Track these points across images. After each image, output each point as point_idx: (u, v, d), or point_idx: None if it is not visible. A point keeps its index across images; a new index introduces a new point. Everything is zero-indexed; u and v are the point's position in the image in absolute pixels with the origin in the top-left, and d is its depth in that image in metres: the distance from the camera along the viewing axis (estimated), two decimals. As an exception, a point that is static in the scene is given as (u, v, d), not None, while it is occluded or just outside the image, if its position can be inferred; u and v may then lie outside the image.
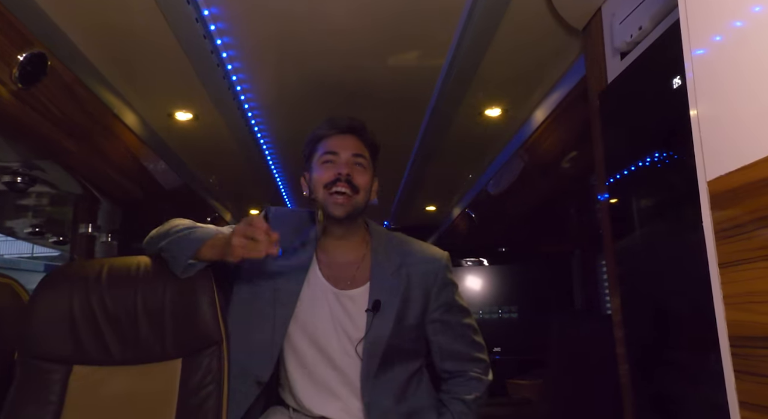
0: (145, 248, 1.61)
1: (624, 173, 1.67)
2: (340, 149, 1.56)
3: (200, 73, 2.34)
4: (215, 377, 1.51)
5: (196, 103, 2.72)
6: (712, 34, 0.82)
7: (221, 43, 2.17)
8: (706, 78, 0.81)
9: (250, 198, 4.76)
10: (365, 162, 1.57)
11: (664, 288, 1.49)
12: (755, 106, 0.73)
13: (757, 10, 0.72)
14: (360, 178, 1.54)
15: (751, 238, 0.73)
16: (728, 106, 0.78)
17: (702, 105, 0.82)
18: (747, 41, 0.75)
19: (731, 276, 0.77)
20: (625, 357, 1.70)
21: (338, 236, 1.59)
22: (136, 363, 1.53)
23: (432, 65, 2.41)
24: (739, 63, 0.76)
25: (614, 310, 1.75)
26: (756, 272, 0.73)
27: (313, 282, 1.57)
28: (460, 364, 1.64)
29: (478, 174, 4.11)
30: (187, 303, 1.51)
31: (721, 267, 0.79)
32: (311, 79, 2.53)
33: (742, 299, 0.75)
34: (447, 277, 1.63)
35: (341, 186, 1.51)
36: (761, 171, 0.71)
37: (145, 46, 2.20)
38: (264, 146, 3.39)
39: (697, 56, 0.83)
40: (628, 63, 1.64)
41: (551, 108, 2.61)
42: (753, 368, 0.74)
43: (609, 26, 1.76)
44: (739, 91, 0.76)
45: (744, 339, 0.75)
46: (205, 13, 1.95)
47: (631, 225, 1.66)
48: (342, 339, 1.53)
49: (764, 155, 0.70)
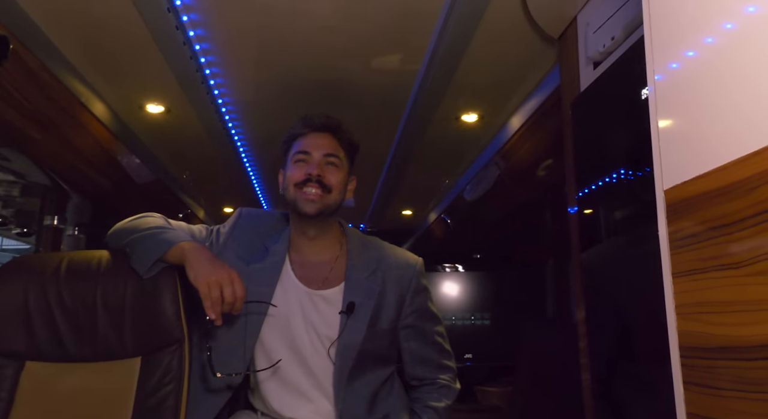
0: (108, 241, 1.57)
1: (593, 187, 1.67)
2: (313, 148, 1.54)
3: (172, 64, 2.29)
4: (175, 376, 1.46)
5: (168, 96, 2.67)
6: (677, 48, 0.81)
7: (194, 35, 2.13)
8: (668, 90, 0.81)
9: (224, 196, 4.71)
10: (338, 161, 1.55)
11: (626, 300, 1.49)
12: (713, 117, 0.72)
13: (726, 26, 0.72)
14: (332, 177, 1.53)
15: (704, 247, 0.73)
16: (687, 117, 0.77)
17: (662, 115, 0.81)
18: (709, 56, 0.74)
19: (684, 286, 0.76)
20: (588, 366, 1.70)
21: (311, 236, 1.57)
22: (93, 360, 1.48)
23: (409, 69, 2.40)
24: (699, 77, 0.76)
25: (579, 321, 1.75)
26: (708, 282, 0.72)
27: (285, 282, 1.55)
28: (430, 371, 1.64)
29: (455, 180, 4.12)
30: (148, 300, 1.47)
31: (674, 276, 0.78)
32: (288, 78, 2.50)
33: (694, 309, 0.74)
34: (421, 283, 1.63)
35: (311, 186, 1.50)
36: (715, 181, 0.70)
37: (114, 34, 2.15)
38: (239, 143, 3.35)
39: (660, 68, 0.83)
40: (600, 72, 1.65)
41: (527, 115, 2.61)
42: (702, 379, 0.73)
43: (583, 35, 1.77)
44: (698, 104, 0.76)
45: (694, 349, 0.74)
46: (177, 2, 1.91)
47: (597, 238, 1.67)
48: (314, 340, 1.52)
49: (718, 165, 0.69)
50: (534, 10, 1.92)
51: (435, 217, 4.92)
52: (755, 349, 0.64)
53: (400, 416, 1.56)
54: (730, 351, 0.68)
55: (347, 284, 1.54)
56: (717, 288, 0.70)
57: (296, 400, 1.51)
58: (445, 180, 4.22)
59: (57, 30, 2.08)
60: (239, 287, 1.37)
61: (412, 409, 1.62)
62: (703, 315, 0.72)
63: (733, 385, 0.67)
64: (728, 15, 0.70)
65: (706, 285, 0.72)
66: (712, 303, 0.71)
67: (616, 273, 1.58)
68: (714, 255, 0.71)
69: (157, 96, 2.70)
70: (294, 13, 1.99)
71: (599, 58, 1.66)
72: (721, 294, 0.69)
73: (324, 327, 1.52)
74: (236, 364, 1.49)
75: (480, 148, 3.33)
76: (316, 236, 1.57)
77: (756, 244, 0.64)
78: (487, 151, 3.25)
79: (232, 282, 1.36)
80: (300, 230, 1.57)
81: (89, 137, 2.65)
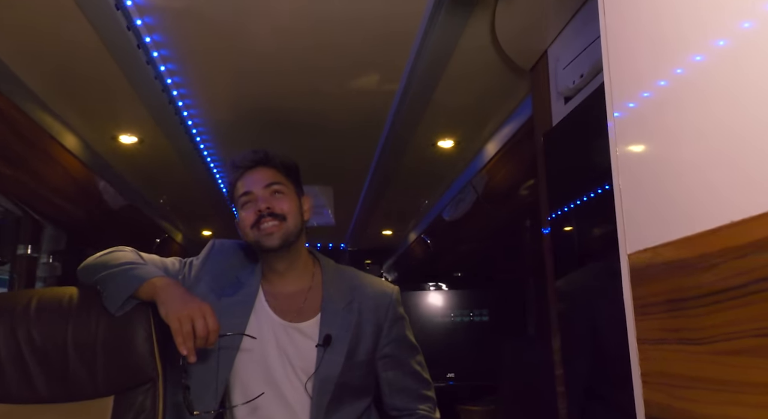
0: (79, 276, 1.54)
1: (565, 209, 1.68)
2: (252, 185, 1.52)
3: (144, 98, 2.27)
4: (149, 416, 1.43)
5: (140, 128, 2.65)
6: (634, 101, 0.81)
7: (165, 69, 2.12)
8: (628, 153, 0.81)
9: (202, 219, 4.67)
10: (282, 188, 1.53)
11: (599, 327, 1.49)
12: (674, 188, 0.72)
13: (679, 73, 0.72)
14: (282, 205, 1.51)
15: (667, 318, 0.72)
16: (647, 182, 0.77)
17: (623, 177, 0.81)
18: (669, 120, 0.74)
19: (649, 354, 0.76)
20: (564, 394, 1.70)
21: (281, 271, 1.56)
22: (64, 401, 1.44)
23: (387, 89, 2.38)
24: (659, 149, 0.76)
25: (555, 349, 1.75)
26: (672, 354, 0.71)
27: (260, 315, 1.53)
28: (409, 401, 1.62)
29: (434, 201, 4.13)
30: (120, 338, 1.44)
31: (639, 343, 0.78)
32: (264, 100, 2.47)
33: (659, 379, 0.74)
34: (398, 312, 1.61)
35: (266, 221, 1.48)
36: (676, 252, 0.70)
37: (84, 70, 2.12)
38: (214, 169, 3.33)
39: (622, 147, 0.83)
40: (570, 108, 1.66)
41: (502, 142, 2.63)
42: (668, 452, 0.72)
43: (554, 70, 1.78)
44: (657, 171, 0.76)
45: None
46: (147, 40, 1.90)
47: (571, 260, 1.67)
48: (290, 374, 1.49)
49: (678, 236, 0.69)
50: (504, 42, 1.94)
51: (415, 237, 4.92)
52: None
53: None
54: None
55: (323, 316, 1.53)
56: (680, 361, 0.70)
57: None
58: (424, 201, 4.22)
59: (24, 66, 2.05)
60: (212, 321, 1.34)
61: None
62: (666, 387, 0.72)
63: (696, 463, 0.66)
64: (691, 111, 0.70)
65: (670, 357, 0.72)
66: (675, 376, 0.71)
67: (589, 300, 1.57)
68: (676, 327, 0.70)
69: (130, 128, 2.67)
70: (268, 34, 1.97)
71: (569, 93, 1.67)
72: (683, 368, 0.69)
73: (300, 360, 1.50)
74: (209, 400, 1.47)
75: (457, 172, 3.35)
76: (286, 270, 1.56)
77: (714, 323, 0.64)
78: (464, 175, 3.26)
79: (204, 316, 1.34)
80: (269, 265, 1.56)
81: (61, 170, 2.61)
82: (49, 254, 3.62)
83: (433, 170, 3.42)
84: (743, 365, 0.60)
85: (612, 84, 0.86)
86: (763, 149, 0.57)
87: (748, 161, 0.59)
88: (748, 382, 0.59)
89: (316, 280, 1.59)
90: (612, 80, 0.88)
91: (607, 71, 0.88)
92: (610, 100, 0.84)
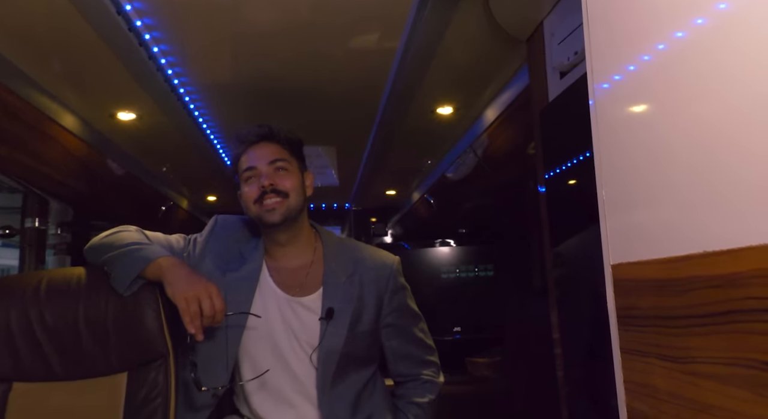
0: (86, 256, 1.56)
1: (563, 168, 1.67)
2: (257, 160, 1.53)
3: (138, 78, 2.26)
4: (162, 391, 1.48)
5: (138, 105, 2.64)
6: (622, 123, 0.81)
7: (158, 50, 2.09)
8: (611, 161, 0.81)
9: (206, 185, 4.69)
10: (286, 164, 1.54)
11: (594, 292, 1.51)
12: (654, 209, 0.73)
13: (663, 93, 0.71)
14: (286, 182, 1.52)
15: (647, 333, 0.75)
16: (629, 196, 0.78)
17: (607, 189, 0.82)
18: (652, 123, 0.74)
19: (630, 364, 0.78)
20: (562, 356, 1.73)
21: (283, 243, 1.57)
22: (79, 378, 1.49)
23: (386, 50, 2.31)
24: (642, 157, 0.76)
25: (552, 311, 1.77)
26: (651, 367, 0.74)
27: (264, 290, 1.55)
28: (413, 367, 1.66)
29: (437, 161, 4.12)
30: (130, 316, 1.47)
31: (622, 352, 0.80)
32: (261, 68, 2.43)
33: (639, 389, 0.77)
34: (399, 282, 1.64)
35: (269, 198, 1.49)
36: (654, 271, 0.72)
37: (78, 53, 2.11)
38: (215, 140, 3.32)
39: (605, 138, 0.83)
40: (566, 84, 1.64)
41: (501, 109, 2.61)
42: (648, 458, 0.76)
43: (549, 44, 1.75)
44: (639, 186, 0.76)
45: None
46: (138, 23, 1.87)
47: (567, 221, 1.68)
48: (296, 347, 1.53)
49: (658, 256, 0.71)
50: (498, 13, 1.90)
51: (418, 196, 4.93)
52: (689, 446, 0.67)
53: (383, 415, 1.59)
54: (669, 440, 0.70)
55: (325, 289, 1.55)
56: (659, 376, 0.72)
57: (281, 406, 1.53)
58: (427, 161, 4.21)
59: (17, 50, 2.04)
60: (218, 301, 1.38)
61: (396, 406, 1.65)
62: (648, 398, 0.75)
63: (671, 473, 0.70)
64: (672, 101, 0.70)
65: (651, 369, 0.74)
66: (654, 388, 0.73)
67: (588, 262, 1.57)
68: (655, 343, 0.73)
69: (128, 105, 2.66)
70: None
71: (564, 69, 1.65)
72: (662, 382, 0.72)
73: (304, 333, 1.53)
74: (221, 374, 1.51)
75: (457, 136, 3.33)
76: (287, 242, 1.58)
77: (689, 345, 0.66)
78: (465, 139, 3.25)
79: (210, 296, 1.38)
80: (271, 239, 1.57)
81: (61, 149, 2.63)
82: (57, 226, 3.68)
83: (433, 134, 3.39)
84: (714, 389, 0.62)
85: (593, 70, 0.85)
86: (740, 182, 0.58)
87: (727, 194, 0.60)
88: (717, 406, 0.62)
89: (317, 254, 1.61)
90: (593, 67, 0.87)
91: (589, 56, 0.87)
92: (595, 116, 0.83)
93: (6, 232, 4.29)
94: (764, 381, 0.55)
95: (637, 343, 0.77)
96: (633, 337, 0.78)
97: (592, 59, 0.87)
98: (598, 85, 0.85)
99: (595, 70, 0.86)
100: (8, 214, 4.08)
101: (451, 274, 4.95)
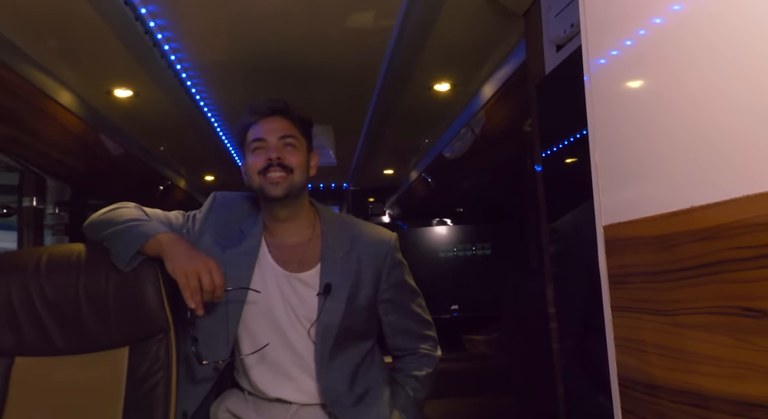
0: (85, 232, 1.57)
1: (560, 146, 1.68)
2: (267, 133, 1.54)
3: (135, 54, 2.25)
4: (163, 364, 1.50)
5: (135, 82, 2.64)
6: (617, 84, 0.82)
7: (155, 25, 2.09)
8: (604, 129, 0.83)
9: (203, 165, 4.69)
10: (295, 141, 1.55)
11: (588, 268, 1.53)
12: (644, 168, 0.75)
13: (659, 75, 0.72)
14: (292, 158, 1.53)
15: (637, 289, 0.77)
16: (620, 159, 0.79)
17: (599, 153, 0.83)
18: (644, 97, 0.76)
19: (621, 321, 0.81)
20: (557, 330, 1.76)
21: (282, 219, 1.58)
22: (81, 353, 1.51)
23: (383, 25, 2.30)
24: (634, 121, 0.78)
25: (548, 287, 1.78)
26: (641, 322, 0.76)
27: (263, 265, 1.57)
28: (410, 341, 1.68)
29: (434, 140, 4.12)
30: (131, 291, 1.49)
31: (613, 310, 0.82)
32: (258, 47, 2.43)
33: (630, 344, 0.79)
34: (396, 258, 1.65)
35: (274, 171, 1.50)
36: (643, 229, 0.73)
37: (73, 29, 2.10)
38: (213, 119, 3.32)
39: (599, 109, 0.84)
40: (562, 57, 1.65)
41: (499, 85, 2.61)
42: (636, 409, 0.78)
43: (546, 17, 1.75)
44: (633, 150, 0.78)
45: (631, 381, 0.79)
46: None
47: (561, 210, 1.69)
48: (294, 321, 1.55)
49: (647, 214, 0.73)
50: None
51: (416, 175, 4.94)
52: (676, 393, 0.69)
53: (381, 388, 1.62)
54: (657, 390, 0.73)
55: (323, 265, 1.57)
56: (648, 330, 0.74)
57: (281, 380, 1.56)
58: (424, 140, 4.22)
59: (13, 26, 2.04)
60: (218, 276, 1.40)
61: (394, 379, 1.68)
62: (636, 351, 0.77)
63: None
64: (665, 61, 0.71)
65: (640, 325, 0.76)
66: (644, 342, 0.76)
67: (584, 237, 1.60)
68: (644, 299, 0.75)
69: (124, 82, 2.65)
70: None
71: (561, 42, 1.65)
72: (650, 336, 0.74)
73: (303, 308, 1.55)
74: (221, 349, 1.54)
75: (455, 113, 3.33)
76: (287, 218, 1.59)
77: (676, 297, 0.68)
78: (462, 116, 3.25)
79: (210, 271, 1.40)
80: (271, 214, 1.58)
81: (59, 126, 2.63)
82: (54, 205, 3.68)
83: (431, 112, 3.39)
84: (699, 338, 0.64)
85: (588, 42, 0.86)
86: (716, 141, 0.60)
87: (708, 150, 0.62)
88: (702, 354, 0.64)
89: (316, 231, 1.62)
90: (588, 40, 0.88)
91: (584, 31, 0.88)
92: (589, 94, 0.85)
93: (3, 211, 4.30)
94: (745, 327, 0.57)
95: (628, 300, 0.79)
96: (623, 294, 0.80)
97: (588, 34, 0.88)
98: (593, 61, 0.86)
99: (590, 45, 0.87)
100: (5, 193, 4.09)
101: (448, 253, 4.99)
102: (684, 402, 0.68)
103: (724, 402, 0.61)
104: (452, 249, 4.99)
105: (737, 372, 0.59)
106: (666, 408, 0.71)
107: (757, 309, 0.55)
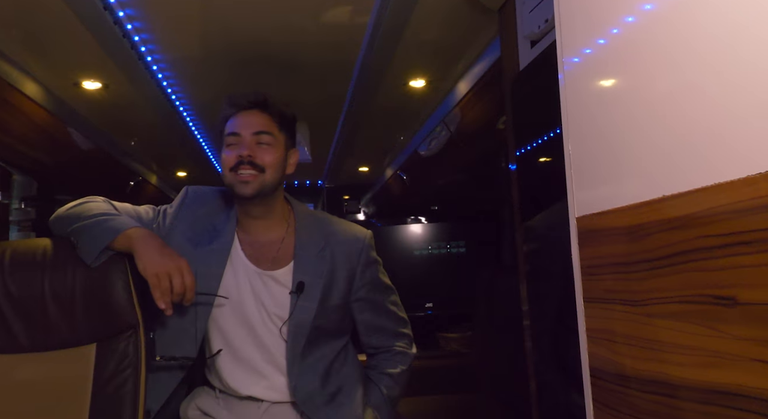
0: (51, 227, 1.53)
1: (534, 145, 1.69)
2: (242, 128, 1.50)
3: (104, 45, 2.20)
4: (132, 361, 1.47)
5: (104, 74, 2.58)
6: (591, 79, 0.82)
7: (124, 14, 2.04)
8: (577, 123, 0.83)
9: (175, 160, 4.62)
10: (270, 139, 1.51)
11: (563, 266, 1.54)
12: (616, 159, 0.75)
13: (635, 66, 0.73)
14: (265, 156, 1.49)
15: (609, 280, 0.77)
16: (593, 151, 0.79)
17: (572, 145, 0.83)
18: (617, 93, 0.76)
19: (593, 312, 0.81)
20: (530, 328, 1.77)
21: (255, 216, 1.56)
22: (46, 350, 1.47)
23: (357, 25, 2.28)
24: (606, 114, 0.78)
25: (521, 285, 1.79)
26: (612, 313, 0.76)
27: (235, 263, 1.55)
28: (385, 339, 1.68)
29: (409, 137, 4.12)
30: (98, 287, 1.46)
31: (585, 301, 0.82)
32: (231, 40, 2.39)
33: (601, 335, 0.79)
34: (370, 256, 1.64)
35: (244, 169, 1.47)
36: (615, 220, 0.73)
37: (40, 17, 2.04)
38: (185, 113, 3.27)
39: (573, 105, 0.84)
40: (536, 53, 1.65)
41: (474, 81, 2.61)
42: (607, 401, 0.78)
43: (521, 13, 1.75)
44: (605, 142, 0.78)
45: (602, 372, 0.79)
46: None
47: (535, 209, 1.70)
48: (266, 319, 1.54)
49: (618, 205, 0.73)
50: (470, -19, 1.89)
51: (391, 173, 4.94)
52: (645, 382, 0.69)
53: (354, 386, 1.60)
54: (627, 380, 0.73)
55: (296, 263, 1.55)
56: (619, 320, 0.75)
57: (251, 377, 1.54)
58: (399, 137, 4.21)
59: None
60: (189, 277, 1.38)
61: (368, 377, 1.67)
62: (607, 342, 0.77)
63: (630, 411, 0.72)
64: (639, 55, 0.71)
65: (611, 316, 0.76)
66: (615, 333, 0.76)
67: (559, 237, 1.60)
68: (616, 289, 0.75)
69: (92, 74, 2.59)
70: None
71: (536, 37, 1.65)
72: (622, 327, 0.74)
73: (274, 307, 1.54)
74: (188, 345, 1.52)
75: (430, 111, 3.33)
76: (260, 215, 1.56)
77: (647, 287, 0.68)
78: (437, 113, 3.25)
79: (181, 273, 1.37)
80: (244, 211, 1.56)
81: (24, 118, 2.55)
82: (20, 201, 3.60)
83: (406, 109, 3.39)
84: (670, 327, 0.65)
85: (563, 38, 0.86)
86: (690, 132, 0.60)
87: (679, 142, 0.62)
88: (672, 343, 0.64)
89: (290, 228, 1.60)
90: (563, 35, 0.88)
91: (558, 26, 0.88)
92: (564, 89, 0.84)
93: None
94: (715, 315, 0.57)
95: (600, 291, 0.79)
96: (595, 285, 0.80)
97: (562, 32, 0.88)
98: (567, 59, 0.86)
99: (564, 43, 0.87)
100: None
101: (423, 251, 5.00)
102: (653, 392, 0.68)
103: (692, 391, 0.61)
104: (427, 247, 5.00)
105: (707, 360, 0.59)
106: (636, 398, 0.71)
107: (727, 297, 0.56)
